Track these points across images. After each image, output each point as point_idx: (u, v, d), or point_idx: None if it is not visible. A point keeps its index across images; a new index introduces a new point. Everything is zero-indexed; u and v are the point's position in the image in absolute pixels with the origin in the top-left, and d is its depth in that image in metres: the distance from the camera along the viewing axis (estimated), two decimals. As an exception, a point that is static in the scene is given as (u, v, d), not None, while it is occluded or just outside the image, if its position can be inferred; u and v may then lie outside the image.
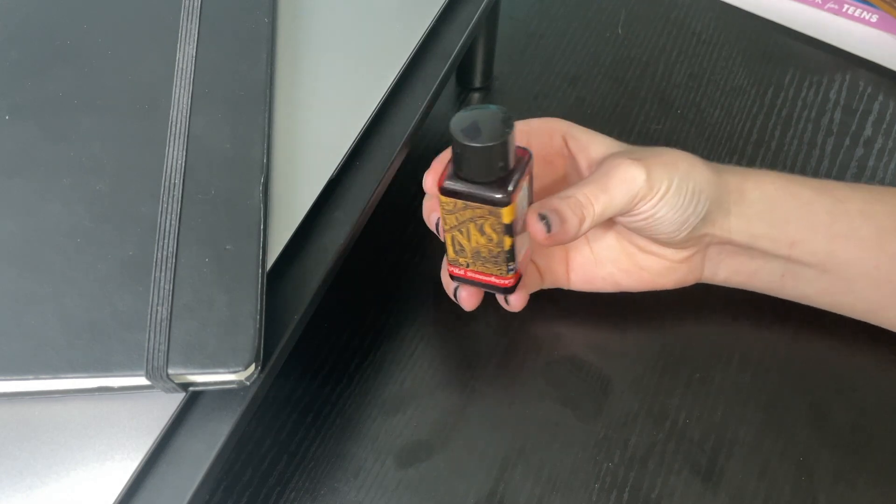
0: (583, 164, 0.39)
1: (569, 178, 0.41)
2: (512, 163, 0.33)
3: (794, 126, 0.52)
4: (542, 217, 0.35)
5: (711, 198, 0.37)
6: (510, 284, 0.38)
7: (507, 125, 0.32)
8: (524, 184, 0.34)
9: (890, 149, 0.51)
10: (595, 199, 0.35)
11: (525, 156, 0.34)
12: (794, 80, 0.54)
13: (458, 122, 0.32)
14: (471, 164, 0.33)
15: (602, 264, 0.41)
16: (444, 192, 0.34)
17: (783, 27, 0.57)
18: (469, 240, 0.36)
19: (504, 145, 0.32)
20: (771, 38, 0.57)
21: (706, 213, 0.37)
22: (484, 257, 0.36)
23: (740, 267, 0.40)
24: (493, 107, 0.33)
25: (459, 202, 0.34)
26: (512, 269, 0.37)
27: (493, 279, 0.38)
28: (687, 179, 0.36)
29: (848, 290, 0.39)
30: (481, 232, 0.35)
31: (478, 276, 0.38)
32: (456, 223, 0.35)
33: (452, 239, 0.36)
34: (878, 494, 0.37)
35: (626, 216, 0.37)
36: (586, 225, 0.35)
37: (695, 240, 0.39)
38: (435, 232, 0.38)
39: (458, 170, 0.33)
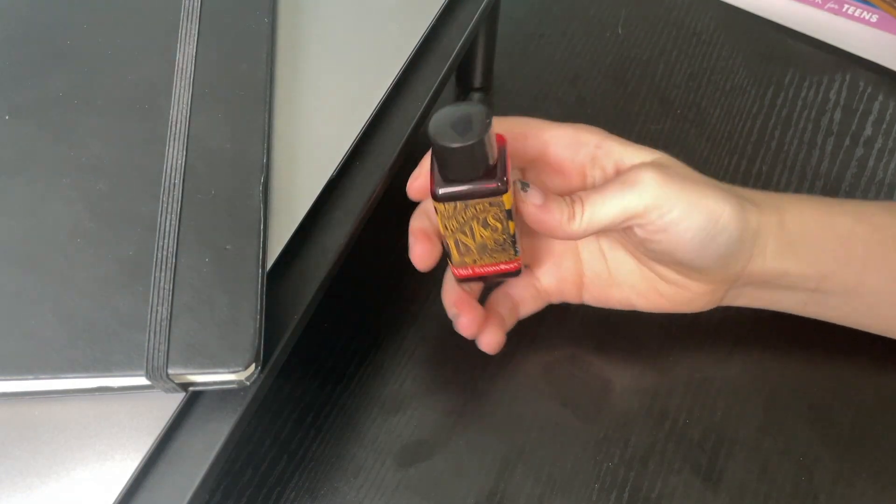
0: (611, 174, 0.37)
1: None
2: (496, 152, 0.33)
3: (794, 126, 0.52)
4: (524, 185, 0.34)
5: (734, 238, 0.35)
6: (517, 267, 0.38)
7: (486, 116, 0.31)
8: (509, 167, 0.34)
9: (890, 149, 0.51)
10: (587, 197, 0.35)
11: (503, 141, 0.34)
12: (794, 80, 0.54)
13: (436, 125, 0.31)
14: (460, 164, 0.32)
15: (619, 286, 0.40)
16: (441, 198, 0.33)
17: (783, 27, 0.57)
18: (474, 237, 0.36)
19: (489, 137, 0.32)
20: (771, 38, 0.57)
21: (731, 252, 0.35)
22: (491, 249, 0.36)
23: (762, 296, 0.39)
24: (463, 104, 0.32)
25: (459, 204, 0.34)
26: (518, 251, 0.37)
27: (501, 267, 0.37)
28: (699, 217, 0.34)
29: (872, 313, 0.39)
30: (485, 226, 0.35)
31: (486, 269, 0.38)
32: (458, 226, 0.35)
33: (456, 242, 0.36)
34: (877, 494, 0.38)
35: (634, 233, 0.36)
36: (578, 218, 0.34)
37: (722, 277, 0.37)
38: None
39: (447, 173, 0.33)
